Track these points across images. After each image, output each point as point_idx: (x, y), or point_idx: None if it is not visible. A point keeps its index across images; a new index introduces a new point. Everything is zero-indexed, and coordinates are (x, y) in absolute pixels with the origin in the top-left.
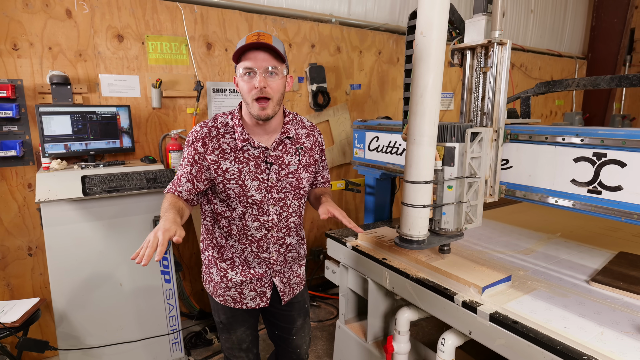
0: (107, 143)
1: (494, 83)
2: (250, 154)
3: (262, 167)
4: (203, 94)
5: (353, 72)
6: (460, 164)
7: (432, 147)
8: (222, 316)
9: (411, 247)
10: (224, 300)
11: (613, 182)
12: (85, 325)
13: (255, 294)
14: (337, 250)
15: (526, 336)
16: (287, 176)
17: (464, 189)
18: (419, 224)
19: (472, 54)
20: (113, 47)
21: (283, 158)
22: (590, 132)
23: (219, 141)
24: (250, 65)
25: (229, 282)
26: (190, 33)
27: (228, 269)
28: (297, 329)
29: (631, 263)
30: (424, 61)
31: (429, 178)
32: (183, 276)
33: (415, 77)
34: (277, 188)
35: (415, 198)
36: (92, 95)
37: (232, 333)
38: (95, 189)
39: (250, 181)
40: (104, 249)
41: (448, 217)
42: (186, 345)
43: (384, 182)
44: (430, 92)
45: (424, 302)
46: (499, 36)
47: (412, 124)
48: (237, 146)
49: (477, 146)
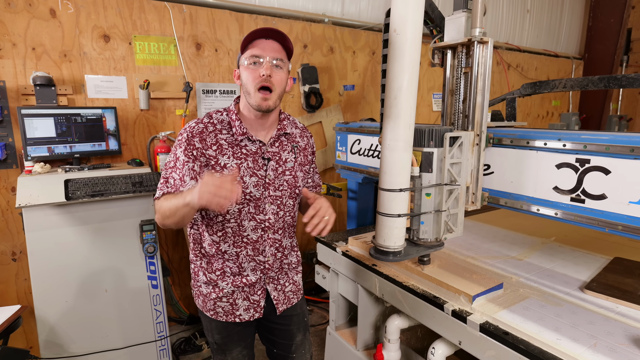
0: (93, 146)
1: (475, 84)
2: (248, 149)
3: (260, 163)
4: (192, 95)
5: (346, 72)
6: (439, 170)
7: (407, 152)
8: (217, 336)
9: (387, 259)
10: (214, 314)
11: (597, 190)
12: (69, 333)
13: (249, 304)
14: (327, 255)
15: (517, 348)
16: (284, 173)
17: (443, 196)
18: (395, 234)
19: (452, 53)
20: (99, 48)
21: (280, 154)
22: (573, 137)
23: (216, 137)
24: (258, 53)
25: (220, 292)
26: (179, 33)
27: (218, 279)
28: (297, 345)
29: (626, 269)
30: (398, 61)
31: (405, 185)
32: (172, 280)
33: (390, 78)
34: (275, 185)
35: (390, 207)
36: (78, 96)
37: (227, 354)
38: (79, 193)
39: (249, 177)
40: (89, 255)
41: (427, 227)
42: (175, 351)
43: (367, 187)
44: (404, 93)
45: (414, 310)
46: (480, 34)
47: (386, 127)
48: (234, 141)
49: (457, 151)
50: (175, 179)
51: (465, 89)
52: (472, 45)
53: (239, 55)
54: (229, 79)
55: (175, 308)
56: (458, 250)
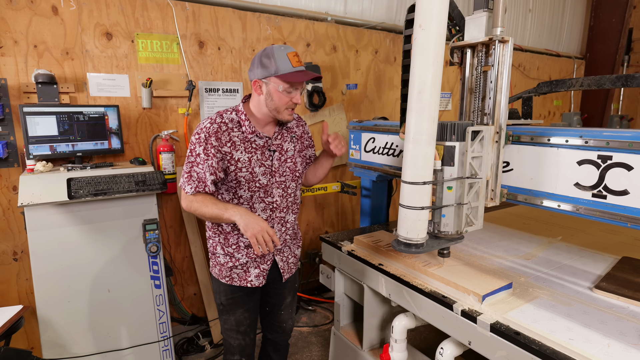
0: (95, 144)
1: (495, 82)
2: (257, 144)
3: (267, 154)
4: (195, 93)
5: (349, 71)
6: (461, 163)
7: (431, 146)
8: (223, 297)
9: (409, 250)
10: (230, 280)
11: (619, 186)
12: (71, 333)
13: (259, 272)
14: (332, 255)
15: (529, 348)
16: (286, 161)
17: (464, 190)
18: (418, 226)
19: (472, 52)
20: (101, 46)
21: (282, 145)
22: (595, 134)
23: (229, 134)
24: (292, 86)
25: (236, 261)
26: (182, 31)
27: (234, 252)
28: (286, 305)
29: (635, 269)
30: (423, 56)
31: (428, 179)
32: (174, 281)
33: (414, 72)
34: (279, 172)
35: (414, 200)
36: (80, 95)
37: (231, 314)
38: (81, 192)
39: (258, 167)
40: (91, 254)
41: (448, 220)
42: (177, 351)
43: (381, 185)
44: (429, 88)
45: (422, 310)
46: (501, 33)
47: (410, 122)
48: (245, 138)
49: (478, 145)
50: (198, 172)
51: (484, 87)
52: (492, 44)
53: (268, 73)
54: (231, 77)
55: (178, 308)
56: (464, 250)
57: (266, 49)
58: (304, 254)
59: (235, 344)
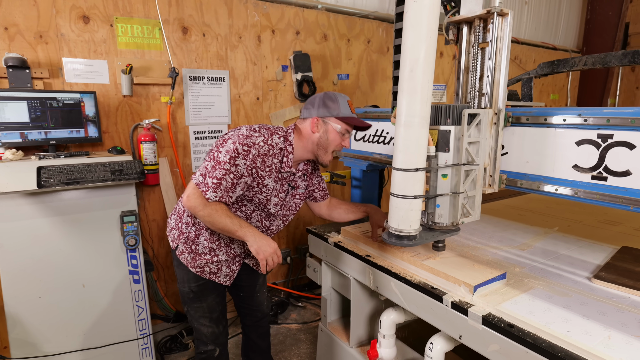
0: (70, 132)
1: (493, 59)
2: (284, 176)
3: (284, 188)
4: (179, 81)
5: (341, 61)
6: (456, 149)
7: (424, 129)
8: (193, 284)
9: (401, 243)
10: (200, 272)
11: (620, 166)
12: (42, 331)
13: (229, 271)
14: (318, 247)
15: (524, 341)
16: (294, 197)
17: (460, 177)
18: (410, 217)
19: (469, 28)
20: (78, 29)
21: (297, 182)
22: (595, 112)
23: (271, 161)
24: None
25: (214, 257)
26: (164, 16)
27: (217, 248)
28: (260, 285)
29: (636, 258)
30: (415, 30)
31: (421, 165)
32: (157, 276)
33: (405, 49)
34: (287, 207)
35: (406, 188)
36: (55, 80)
37: (203, 300)
38: (52, 180)
39: (274, 197)
40: (65, 247)
41: (443, 210)
42: (160, 349)
43: (371, 174)
44: (422, 66)
45: (410, 303)
46: (500, 5)
47: (402, 103)
48: (280, 168)
49: (474, 130)
50: (229, 182)
51: (482, 65)
52: (490, 18)
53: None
54: (217, 65)
55: (161, 305)
56: (457, 240)
57: (328, 93)
58: (294, 250)
59: (209, 332)
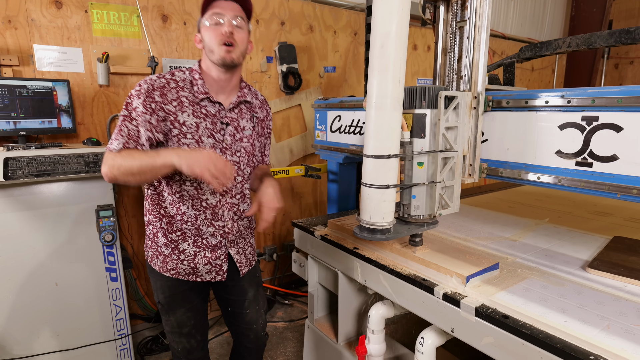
0: (42, 123)
1: (472, 39)
2: (208, 110)
3: (218, 126)
4: (158, 71)
5: (327, 53)
6: (433, 135)
7: (397, 112)
8: (161, 296)
9: (374, 237)
10: (176, 274)
11: (606, 151)
12: (11, 332)
13: (211, 267)
14: (304, 241)
15: (519, 333)
16: (241, 140)
17: (437, 166)
18: (383, 208)
19: (446, 6)
20: (50, 15)
21: (238, 121)
22: (579, 92)
23: (177, 93)
24: (219, 11)
25: (180, 253)
26: (142, 3)
27: (179, 240)
28: (250, 301)
29: (629, 248)
30: (387, 3)
31: (395, 151)
32: (136, 274)
33: (375, 23)
34: (232, 150)
35: (377, 176)
36: (26, 68)
37: (170, 314)
38: (20, 172)
39: (206, 138)
40: (36, 244)
41: (419, 201)
42: (140, 350)
43: (348, 168)
44: (393, 40)
45: (400, 296)
46: None
47: (372, 83)
48: (195, 100)
49: (452, 114)
50: (131, 128)
51: (460, 46)
52: None
53: (199, 19)
54: (199, 55)
55: (141, 304)
56: (447, 232)
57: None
58: (280, 246)
59: (179, 348)
